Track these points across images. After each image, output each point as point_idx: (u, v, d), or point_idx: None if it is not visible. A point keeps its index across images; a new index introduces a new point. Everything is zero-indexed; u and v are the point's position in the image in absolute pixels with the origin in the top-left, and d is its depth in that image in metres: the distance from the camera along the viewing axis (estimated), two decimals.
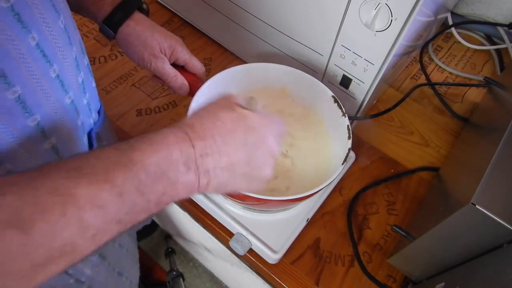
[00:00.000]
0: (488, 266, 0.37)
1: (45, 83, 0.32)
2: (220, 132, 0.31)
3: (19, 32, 0.28)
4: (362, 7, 0.46)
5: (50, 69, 0.33)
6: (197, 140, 0.30)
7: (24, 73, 0.30)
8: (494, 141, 0.42)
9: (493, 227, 0.35)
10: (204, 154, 0.30)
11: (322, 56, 0.57)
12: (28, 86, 0.31)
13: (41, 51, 0.31)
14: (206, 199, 0.54)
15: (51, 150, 0.36)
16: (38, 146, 0.35)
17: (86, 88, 0.42)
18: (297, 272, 0.53)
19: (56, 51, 0.33)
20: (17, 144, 0.32)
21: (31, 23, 0.29)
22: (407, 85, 0.74)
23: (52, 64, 0.33)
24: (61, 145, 0.37)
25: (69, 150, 0.39)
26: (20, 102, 0.30)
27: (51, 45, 0.33)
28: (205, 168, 0.31)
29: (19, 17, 0.28)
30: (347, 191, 0.60)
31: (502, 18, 0.78)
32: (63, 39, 0.35)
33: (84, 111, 0.42)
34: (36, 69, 0.31)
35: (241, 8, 0.62)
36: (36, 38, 0.30)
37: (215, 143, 0.31)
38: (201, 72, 0.54)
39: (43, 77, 0.32)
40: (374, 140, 0.66)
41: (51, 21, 0.32)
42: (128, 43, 0.49)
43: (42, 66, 0.32)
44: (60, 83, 0.35)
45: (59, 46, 0.34)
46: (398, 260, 0.51)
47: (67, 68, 0.36)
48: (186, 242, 1.13)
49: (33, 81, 0.31)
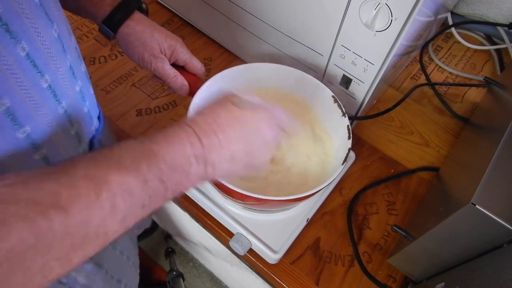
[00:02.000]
0: (488, 266, 0.37)
1: (35, 94, 0.32)
2: (221, 128, 0.36)
3: (8, 43, 0.27)
4: (362, 7, 0.46)
5: (42, 79, 0.32)
6: (204, 136, 0.34)
7: (12, 85, 0.29)
8: (494, 141, 0.42)
9: (493, 227, 0.35)
10: (210, 149, 0.34)
11: (322, 56, 0.57)
12: (17, 98, 0.30)
13: (32, 62, 0.30)
14: (206, 199, 0.54)
15: (42, 160, 0.36)
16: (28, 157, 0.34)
17: (86, 96, 0.41)
18: (297, 272, 0.53)
19: (49, 60, 0.32)
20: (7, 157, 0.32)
21: (21, 33, 0.28)
22: (407, 85, 0.74)
23: (44, 74, 0.32)
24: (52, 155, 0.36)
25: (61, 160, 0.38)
26: (8, 115, 0.30)
27: (43, 55, 0.32)
28: (211, 160, 0.34)
29: (7, 27, 0.27)
30: (347, 191, 0.60)
31: (502, 18, 0.78)
32: (56, 48, 0.34)
33: (84, 119, 0.41)
34: (25, 80, 0.30)
35: (241, 8, 0.62)
36: (26, 48, 0.29)
37: (218, 138, 0.35)
38: (201, 72, 0.54)
39: (33, 88, 0.31)
40: (374, 140, 0.66)
41: (43, 30, 0.31)
42: (128, 43, 0.49)
43: (33, 76, 0.31)
44: (52, 93, 0.34)
45: (52, 55, 0.33)
46: (398, 260, 0.51)
47: (61, 77, 0.35)
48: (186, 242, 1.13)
49: (22, 93, 0.30)
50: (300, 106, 0.58)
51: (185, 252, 1.29)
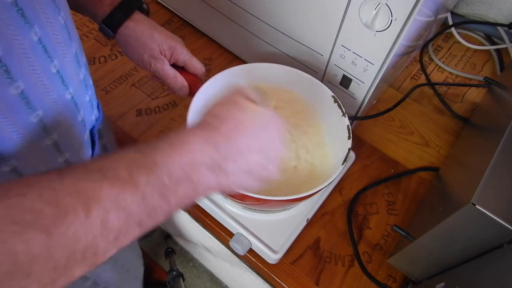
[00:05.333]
0: (488, 266, 0.37)
1: (45, 78, 0.32)
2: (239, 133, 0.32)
3: (23, 28, 0.28)
4: (362, 7, 0.46)
5: (51, 64, 0.33)
6: (221, 143, 0.30)
7: (26, 68, 0.30)
8: (494, 141, 0.42)
9: (493, 227, 0.35)
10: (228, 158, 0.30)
11: (322, 56, 0.57)
12: (30, 82, 0.31)
13: (43, 47, 0.31)
14: (206, 199, 0.54)
15: (53, 147, 0.36)
16: (40, 143, 0.35)
17: (88, 85, 0.42)
18: (297, 272, 0.53)
19: (57, 46, 0.33)
20: (22, 141, 0.32)
21: (33, 19, 0.29)
22: (407, 85, 0.74)
23: (53, 59, 0.33)
24: (62, 141, 0.37)
25: (70, 146, 0.39)
26: (23, 98, 0.30)
27: (52, 41, 0.33)
28: (228, 170, 0.30)
29: (22, 12, 0.28)
30: (347, 191, 0.60)
31: (502, 18, 0.78)
32: (63, 35, 0.35)
33: (86, 108, 0.42)
34: (37, 64, 0.31)
35: (241, 8, 0.62)
36: (38, 33, 0.30)
37: (237, 145, 0.31)
38: (201, 72, 0.54)
39: (44, 73, 0.32)
40: (374, 140, 0.66)
41: (52, 16, 0.32)
42: (128, 44, 0.49)
43: (43, 61, 0.32)
44: (60, 79, 0.35)
45: (60, 42, 0.34)
46: (398, 260, 0.51)
47: (67, 64, 0.36)
48: (186, 242, 1.13)
49: (35, 77, 0.31)
50: (300, 106, 0.58)
51: (185, 252, 1.29)
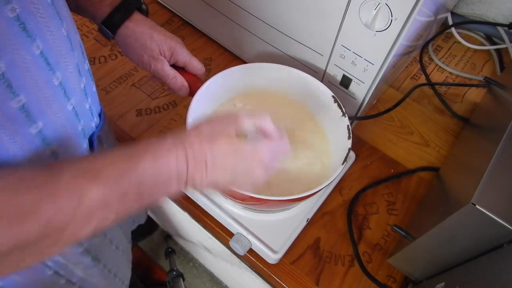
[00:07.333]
0: (488, 266, 0.37)
1: (48, 91, 0.32)
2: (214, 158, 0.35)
3: (24, 41, 0.28)
4: (362, 7, 0.46)
5: (53, 76, 0.33)
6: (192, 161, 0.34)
7: (28, 82, 0.30)
8: (494, 141, 0.42)
9: (493, 227, 0.35)
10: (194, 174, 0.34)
11: (322, 56, 0.57)
12: (32, 95, 0.31)
13: (45, 60, 0.31)
14: (206, 199, 0.54)
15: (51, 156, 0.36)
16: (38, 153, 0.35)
17: (88, 93, 0.42)
18: (297, 272, 0.53)
19: (59, 59, 0.34)
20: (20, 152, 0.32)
21: (36, 32, 0.29)
22: (407, 85, 0.74)
23: (55, 72, 0.33)
24: (61, 151, 0.37)
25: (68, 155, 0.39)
26: (24, 111, 0.30)
27: (55, 53, 0.33)
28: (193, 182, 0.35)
29: (24, 26, 0.28)
30: (347, 191, 0.60)
31: (502, 18, 0.78)
32: (66, 46, 0.35)
33: (86, 116, 0.42)
34: (39, 77, 0.31)
35: (241, 8, 0.62)
36: (41, 46, 0.30)
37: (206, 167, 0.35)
38: (201, 72, 0.54)
39: (46, 85, 0.32)
40: (374, 140, 0.66)
41: (55, 29, 0.32)
42: (127, 45, 0.49)
43: (46, 74, 0.32)
44: (62, 90, 0.35)
45: (62, 53, 0.34)
46: (398, 260, 0.51)
47: (69, 75, 0.36)
48: (186, 242, 1.13)
49: (37, 90, 0.31)
50: (300, 106, 0.58)
51: (185, 252, 1.29)
